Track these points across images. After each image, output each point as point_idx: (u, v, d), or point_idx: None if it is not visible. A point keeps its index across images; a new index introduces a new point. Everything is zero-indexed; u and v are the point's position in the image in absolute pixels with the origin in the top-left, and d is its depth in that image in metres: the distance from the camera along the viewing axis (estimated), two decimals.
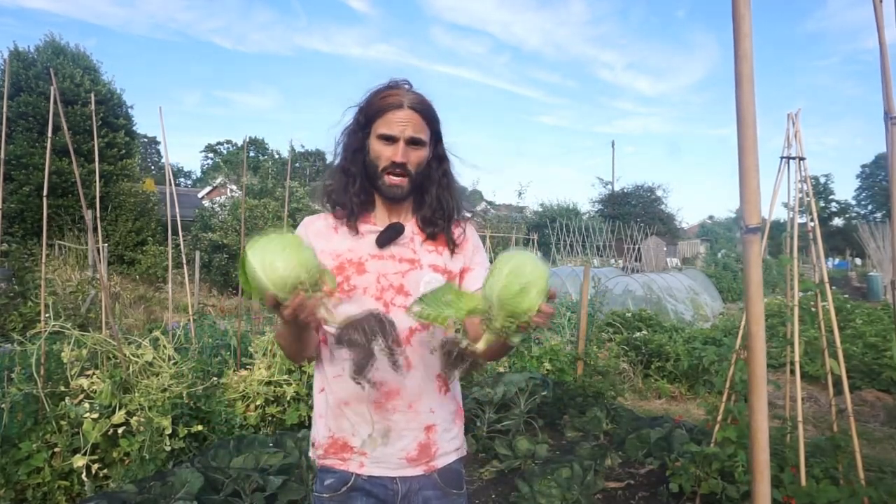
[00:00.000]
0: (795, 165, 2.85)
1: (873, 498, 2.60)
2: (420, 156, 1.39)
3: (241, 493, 2.75)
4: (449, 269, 1.44)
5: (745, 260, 1.07)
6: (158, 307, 9.91)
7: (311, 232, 1.43)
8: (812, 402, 5.56)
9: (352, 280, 1.36)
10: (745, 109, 1.03)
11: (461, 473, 1.46)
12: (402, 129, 1.34)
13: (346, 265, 1.38)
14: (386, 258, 1.39)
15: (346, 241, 1.41)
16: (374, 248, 1.39)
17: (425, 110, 1.38)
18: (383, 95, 1.36)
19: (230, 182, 21.65)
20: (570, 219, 23.84)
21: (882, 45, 1.95)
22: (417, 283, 1.39)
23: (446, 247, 1.46)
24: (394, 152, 1.35)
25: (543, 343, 5.64)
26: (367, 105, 1.39)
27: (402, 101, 1.35)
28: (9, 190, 12.29)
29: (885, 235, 15.29)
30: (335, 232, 1.42)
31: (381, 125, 1.35)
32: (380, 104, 1.36)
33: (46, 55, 13.99)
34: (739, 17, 1.02)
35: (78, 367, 3.28)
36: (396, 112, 1.35)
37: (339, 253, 1.39)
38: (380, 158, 1.37)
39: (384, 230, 1.41)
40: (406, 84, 1.40)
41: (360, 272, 1.38)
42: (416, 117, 1.36)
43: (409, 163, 1.36)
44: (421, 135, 1.37)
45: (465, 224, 1.51)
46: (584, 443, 3.91)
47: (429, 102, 1.40)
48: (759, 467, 1.10)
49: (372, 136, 1.38)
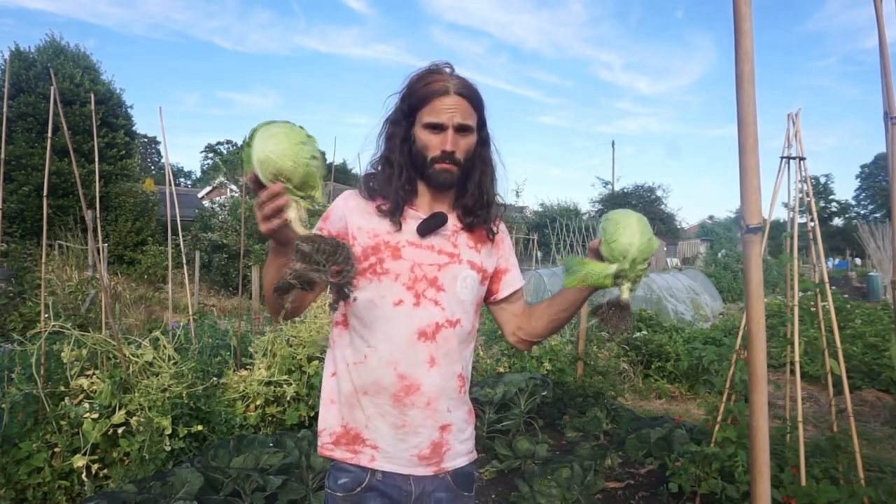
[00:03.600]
0: (795, 165, 2.85)
1: (873, 498, 2.60)
2: (469, 143, 1.33)
3: (241, 493, 2.75)
4: (484, 268, 1.41)
5: (745, 260, 1.07)
6: (158, 307, 9.90)
7: (350, 206, 1.36)
8: (812, 402, 5.55)
9: (385, 263, 1.31)
10: (745, 109, 1.03)
11: (473, 476, 1.45)
12: (450, 116, 1.28)
13: (383, 246, 1.32)
14: (424, 248, 1.34)
15: (386, 224, 1.34)
16: (415, 235, 1.33)
17: (472, 95, 1.32)
18: (427, 82, 1.30)
19: (230, 182, 21.64)
20: (570, 219, 23.83)
21: (882, 44, 1.95)
22: (454, 279, 1.35)
23: (483, 242, 1.42)
24: (442, 141, 1.29)
25: (543, 343, 5.64)
26: (410, 93, 1.32)
27: (448, 86, 1.29)
28: (9, 190, 12.29)
29: (885, 235, 15.28)
30: (377, 213, 1.35)
31: (428, 113, 1.29)
32: (424, 91, 1.29)
33: (46, 55, 13.99)
34: (740, 17, 1.01)
35: (78, 367, 3.28)
36: (443, 99, 1.28)
37: (377, 233, 1.33)
38: (428, 148, 1.31)
39: (427, 218, 1.35)
40: (448, 67, 1.33)
41: (395, 257, 1.31)
42: (464, 103, 1.30)
43: (458, 150, 1.31)
44: (469, 121, 1.31)
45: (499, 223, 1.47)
46: (584, 443, 3.91)
47: (475, 86, 1.33)
48: (758, 467, 1.10)
49: (417, 125, 1.32)
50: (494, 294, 1.46)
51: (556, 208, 28.66)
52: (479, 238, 1.42)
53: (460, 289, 1.36)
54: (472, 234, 1.41)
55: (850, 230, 30.17)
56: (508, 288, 1.46)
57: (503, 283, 1.45)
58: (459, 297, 1.36)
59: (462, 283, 1.36)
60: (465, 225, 1.39)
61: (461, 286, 1.36)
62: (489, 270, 1.42)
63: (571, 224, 22.52)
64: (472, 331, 1.41)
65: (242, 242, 4.89)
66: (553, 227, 21.92)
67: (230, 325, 5.58)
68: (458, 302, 1.36)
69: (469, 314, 1.39)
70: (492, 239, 1.44)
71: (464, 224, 1.39)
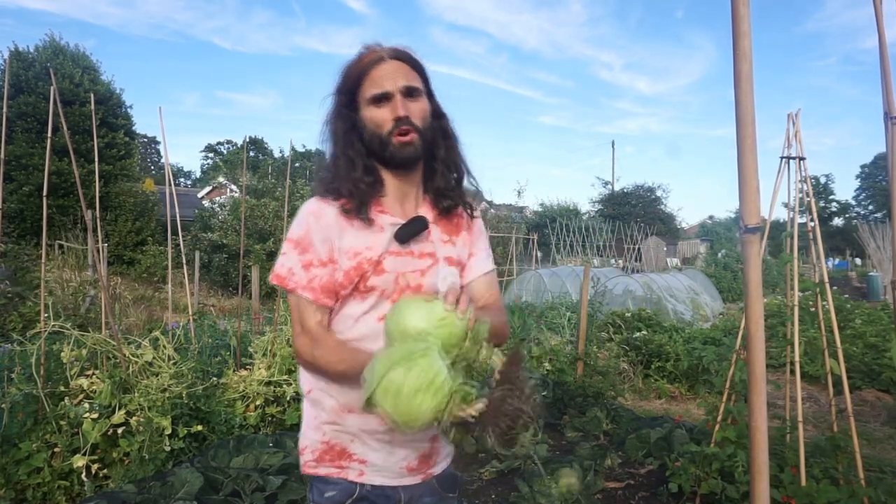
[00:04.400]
0: (795, 165, 2.85)
1: (873, 498, 2.60)
2: (421, 108, 1.23)
3: (241, 493, 2.75)
4: (461, 260, 1.35)
5: (745, 260, 1.07)
6: (158, 307, 9.91)
7: (322, 224, 1.22)
8: (812, 402, 5.55)
9: (369, 281, 1.22)
10: (744, 109, 1.03)
11: (457, 477, 1.43)
12: (392, 80, 1.19)
13: (365, 265, 1.22)
14: (405, 255, 1.26)
15: (362, 237, 1.23)
16: (393, 242, 1.24)
17: (409, 58, 1.24)
18: (358, 59, 1.23)
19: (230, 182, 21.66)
20: (570, 219, 23.84)
21: (882, 44, 1.95)
22: (435, 283, 1.28)
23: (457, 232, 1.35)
24: (392, 109, 1.19)
25: (543, 343, 5.64)
26: (345, 78, 1.24)
27: (381, 54, 1.21)
28: (9, 190, 12.29)
29: (885, 235, 15.29)
30: (349, 224, 1.23)
31: (368, 87, 1.20)
32: (358, 68, 1.22)
33: (46, 55, 14.01)
34: (739, 17, 1.02)
35: (78, 367, 3.28)
36: (380, 66, 1.20)
37: (357, 251, 1.22)
38: (379, 124, 1.21)
39: (406, 224, 1.26)
40: (376, 43, 1.25)
41: (378, 272, 1.23)
42: (403, 66, 1.22)
43: (413, 115, 1.20)
44: (415, 83, 1.22)
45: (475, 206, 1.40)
46: (584, 443, 3.91)
47: (410, 50, 1.25)
48: (758, 467, 1.10)
49: (362, 107, 1.22)
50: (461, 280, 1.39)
51: (556, 208, 28.69)
52: (453, 227, 1.35)
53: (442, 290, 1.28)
54: (447, 222, 1.34)
55: (850, 230, 30.17)
56: (470, 274, 1.38)
57: (467, 268, 1.38)
58: None
59: (443, 283, 1.29)
60: (440, 211, 1.32)
61: (442, 287, 1.29)
62: (465, 259, 1.37)
63: (571, 224, 22.52)
64: None
65: (242, 242, 4.89)
66: (553, 227, 21.91)
67: (230, 325, 5.58)
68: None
69: None
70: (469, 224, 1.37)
71: (439, 210, 1.32)
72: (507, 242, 16.91)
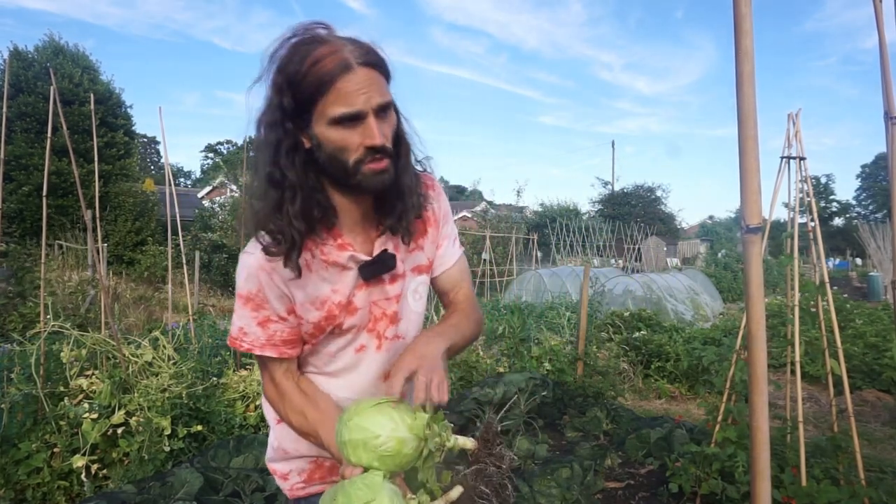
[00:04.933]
0: (796, 165, 2.85)
1: (874, 498, 2.60)
2: (392, 124, 1.03)
3: (241, 493, 2.75)
4: (429, 262, 1.23)
5: (746, 260, 1.07)
6: (158, 307, 9.90)
7: (279, 280, 1.06)
8: (812, 402, 5.55)
9: (345, 324, 1.12)
10: (745, 108, 1.03)
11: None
12: (365, 98, 0.95)
13: (336, 310, 1.10)
14: (373, 284, 1.13)
15: (326, 282, 1.08)
16: (357, 278, 1.11)
17: (380, 63, 0.99)
18: (315, 59, 0.94)
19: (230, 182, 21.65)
20: (570, 219, 23.83)
21: (882, 44, 1.95)
22: (406, 297, 1.19)
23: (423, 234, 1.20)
24: (364, 134, 0.96)
25: (543, 343, 5.64)
26: (293, 81, 0.95)
27: (348, 59, 0.94)
28: (8, 190, 12.29)
29: (886, 235, 15.28)
30: (308, 270, 1.07)
31: (333, 103, 0.94)
32: (317, 74, 0.93)
33: (46, 55, 14.01)
34: (740, 16, 1.01)
35: (77, 367, 3.28)
36: (349, 77, 0.94)
37: (323, 299, 1.09)
38: (345, 150, 0.97)
39: (370, 263, 1.10)
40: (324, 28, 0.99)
41: (350, 312, 1.12)
42: (375, 75, 0.97)
43: (386, 139, 1.00)
44: (387, 96, 1.00)
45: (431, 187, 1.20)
46: (584, 443, 3.90)
47: (376, 49, 1.00)
48: (759, 467, 1.10)
49: (318, 125, 0.97)
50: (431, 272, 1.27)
51: (556, 208, 28.69)
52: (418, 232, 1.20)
53: (414, 303, 1.21)
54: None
55: (850, 230, 30.18)
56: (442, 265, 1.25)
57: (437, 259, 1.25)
58: (416, 311, 1.22)
59: (414, 296, 1.20)
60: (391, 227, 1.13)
61: (413, 300, 1.20)
62: (432, 257, 1.23)
63: (571, 224, 22.52)
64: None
65: (242, 243, 4.87)
66: (553, 227, 21.91)
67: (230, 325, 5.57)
68: (416, 318, 1.22)
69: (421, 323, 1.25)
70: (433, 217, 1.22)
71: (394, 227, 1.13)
72: (507, 242, 16.91)
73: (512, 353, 5.53)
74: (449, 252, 1.25)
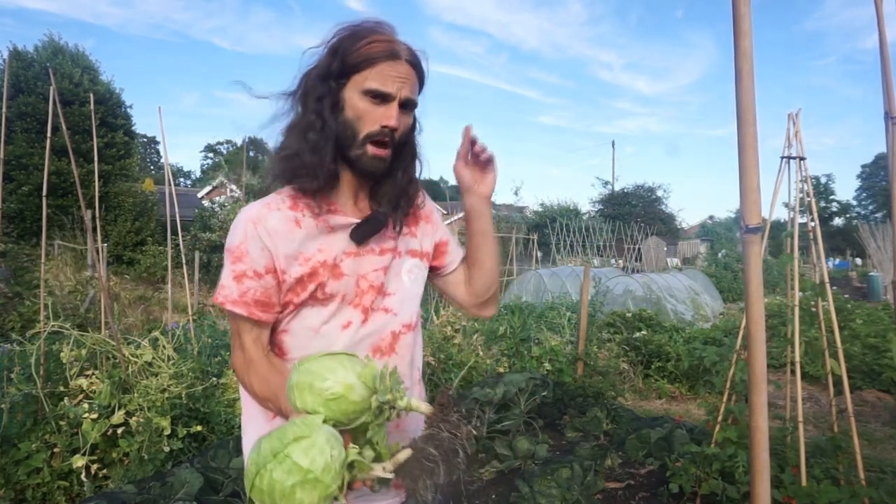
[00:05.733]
0: (796, 165, 2.85)
1: (874, 498, 2.60)
2: (408, 123, 1.14)
3: (241, 493, 2.75)
4: (425, 251, 1.28)
5: (745, 260, 1.07)
6: (158, 307, 9.90)
7: (264, 230, 1.09)
8: (812, 402, 5.55)
9: (327, 287, 1.13)
10: (745, 108, 1.03)
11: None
12: (399, 86, 1.08)
13: (321, 270, 1.12)
14: (364, 254, 1.16)
15: (314, 240, 1.13)
16: (350, 243, 1.15)
17: (420, 68, 1.13)
18: (371, 40, 1.07)
19: (230, 182, 21.65)
20: (570, 219, 23.84)
21: (882, 44, 1.95)
22: (399, 276, 1.22)
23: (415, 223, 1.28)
24: (385, 114, 1.08)
25: (543, 343, 5.64)
26: (346, 48, 1.07)
27: (398, 50, 1.08)
28: (8, 190, 12.30)
29: (886, 235, 15.27)
30: (297, 227, 1.12)
31: (371, 78, 1.06)
32: (368, 51, 1.06)
33: (46, 55, 14.01)
34: (739, 16, 1.01)
35: (77, 367, 3.28)
36: (393, 64, 1.07)
37: (308, 256, 1.12)
38: (363, 119, 1.08)
39: (363, 223, 1.15)
40: (389, 27, 1.12)
41: (336, 276, 1.13)
42: (413, 75, 1.11)
43: (399, 129, 1.10)
44: (415, 97, 1.13)
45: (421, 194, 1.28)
46: (584, 443, 3.90)
47: (422, 58, 1.14)
48: (759, 467, 1.10)
49: (351, 90, 1.08)
50: (442, 269, 1.34)
51: (555, 208, 28.66)
52: (411, 219, 1.27)
53: (410, 283, 1.23)
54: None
55: (850, 230, 30.18)
56: (455, 261, 1.33)
57: (448, 256, 1.33)
58: (413, 292, 1.24)
59: (408, 276, 1.23)
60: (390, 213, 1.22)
61: (409, 279, 1.23)
62: (429, 250, 1.30)
63: (571, 224, 22.52)
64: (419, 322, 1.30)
65: None
66: (553, 227, 21.92)
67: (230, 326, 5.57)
68: (410, 298, 1.24)
69: (417, 306, 1.27)
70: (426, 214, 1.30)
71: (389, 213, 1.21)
72: (507, 242, 16.91)
73: (512, 353, 5.53)
74: (456, 249, 1.36)
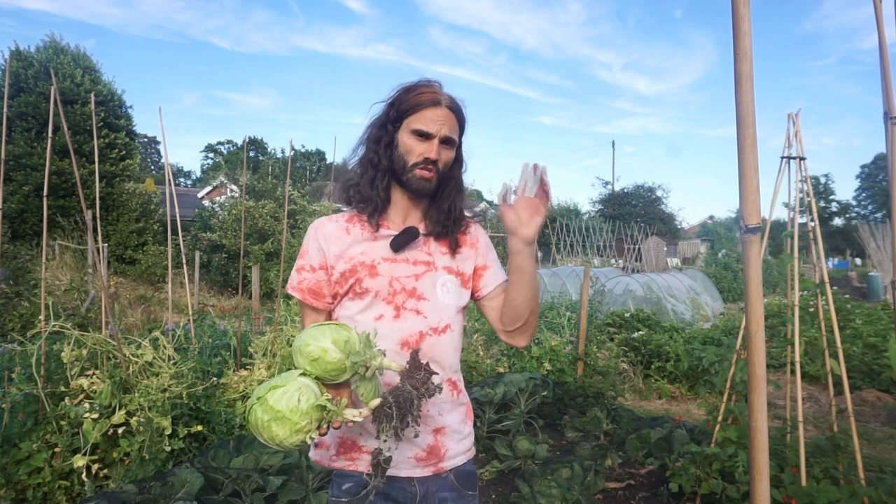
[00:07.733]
0: (796, 165, 2.85)
1: (873, 498, 2.60)
2: (449, 156, 1.39)
3: (241, 493, 2.75)
4: (462, 272, 1.45)
5: (745, 260, 1.07)
6: (158, 307, 9.90)
7: (321, 235, 1.41)
8: (812, 402, 5.55)
9: (364, 283, 1.36)
10: (744, 109, 1.03)
11: (475, 474, 1.48)
12: (438, 126, 1.34)
13: (359, 267, 1.37)
14: (399, 261, 1.39)
15: (359, 245, 1.39)
16: (388, 251, 1.38)
17: (459, 113, 1.39)
18: (419, 91, 1.35)
19: (230, 182, 21.65)
20: (570, 219, 23.83)
21: (882, 44, 1.95)
22: (433, 286, 1.40)
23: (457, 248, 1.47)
24: (428, 148, 1.34)
25: (543, 343, 5.64)
26: (400, 100, 1.37)
27: (440, 98, 1.35)
28: (8, 190, 12.28)
29: (886, 235, 15.28)
30: (347, 234, 1.40)
31: (417, 121, 1.34)
32: (415, 100, 1.35)
33: (46, 55, 13.97)
34: (739, 17, 1.01)
35: (78, 367, 3.28)
36: (434, 109, 1.34)
37: (351, 256, 1.38)
38: (411, 153, 1.35)
39: (399, 234, 1.39)
40: (438, 83, 1.40)
41: (372, 275, 1.36)
42: (452, 118, 1.37)
43: (440, 161, 1.36)
44: (454, 135, 1.38)
45: (473, 224, 1.52)
46: (584, 443, 3.90)
47: (463, 106, 1.40)
48: (758, 467, 1.10)
49: (403, 131, 1.36)
50: (477, 292, 1.50)
51: (556, 208, 28.66)
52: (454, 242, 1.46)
53: (442, 294, 1.41)
54: (443, 241, 1.45)
55: (850, 230, 30.18)
56: (489, 285, 1.49)
57: (483, 280, 1.49)
58: (444, 303, 1.41)
59: (443, 289, 1.41)
60: (434, 234, 1.44)
61: (442, 291, 1.41)
62: (468, 272, 1.46)
63: (571, 224, 22.52)
64: (459, 333, 1.46)
65: (242, 242, 4.88)
66: (553, 227, 21.92)
67: (230, 326, 5.58)
68: (443, 307, 1.41)
69: (455, 318, 1.43)
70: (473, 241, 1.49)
71: (432, 232, 1.43)
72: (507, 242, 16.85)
73: (512, 353, 5.53)
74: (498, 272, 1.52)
